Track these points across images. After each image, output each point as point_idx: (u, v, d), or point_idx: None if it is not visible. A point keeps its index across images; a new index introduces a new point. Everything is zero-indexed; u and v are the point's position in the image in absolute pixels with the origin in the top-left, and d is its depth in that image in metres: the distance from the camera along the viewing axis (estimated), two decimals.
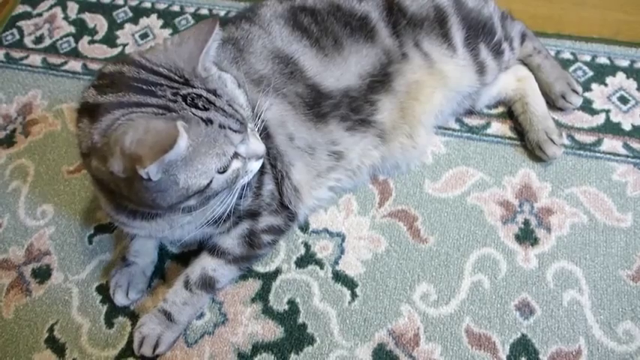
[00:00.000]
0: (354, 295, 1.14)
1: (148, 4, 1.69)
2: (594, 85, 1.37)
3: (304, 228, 1.23)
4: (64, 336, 1.14)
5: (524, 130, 1.28)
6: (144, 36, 1.61)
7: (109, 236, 1.25)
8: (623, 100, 1.34)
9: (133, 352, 1.09)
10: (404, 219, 1.22)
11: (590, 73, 1.39)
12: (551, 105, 1.31)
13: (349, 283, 1.15)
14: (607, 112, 1.33)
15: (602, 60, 1.41)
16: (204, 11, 1.65)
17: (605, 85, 1.37)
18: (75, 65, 1.57)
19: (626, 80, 1.37)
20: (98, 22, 1.67)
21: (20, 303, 1.19)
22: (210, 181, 0.86)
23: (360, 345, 1.09)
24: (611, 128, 1.30)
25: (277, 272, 1.18)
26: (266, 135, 1.06)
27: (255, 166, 0.94)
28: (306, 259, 1.19)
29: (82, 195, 1.32)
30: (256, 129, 0.95)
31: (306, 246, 1.21)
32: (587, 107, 1.33)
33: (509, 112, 1.34)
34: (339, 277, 1.16)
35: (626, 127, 1.30)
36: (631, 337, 1.06)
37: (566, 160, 1.26)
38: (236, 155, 0.88)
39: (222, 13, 1.63)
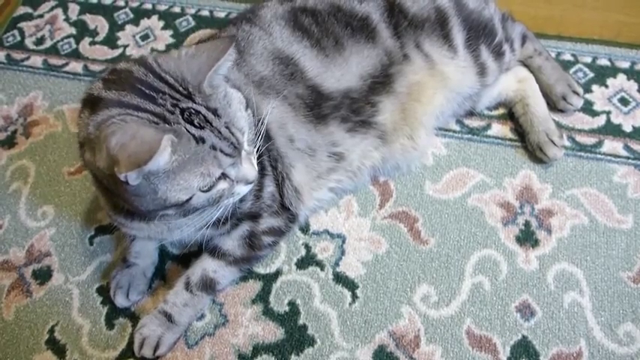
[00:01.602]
0: (354, 297, 1.14)
1: (148, 6, 1.69)
2: (595, 87, 1.37)
3: (305, 229, 1.23)
4: (64, 337, 1.14)
5: (525, 131, 1.28)
6: (145, 37, 1.61)
7: (110, 237, 1.25)
8: (624, 101, 1.34)
9: (134, 354, 1.09)
10: (404, 220, 1.22)
11: (591, 75, 1.39)
12: (552, 106, 1.31)
13: (350, 285, 1.15)
14: (608, 113, 1.32)
15: (603, 61, 1.41)
16: (205, 13, 1.65)
17: (606, 86, 1.36)
18: (76, 66, 1.57)
19: (627, 82, 1.37)
20: (99, 23, 1.67)
21: (21, 304, 1.19)
22: (190, 198, 0.86)
23: (360, 346, 1.09)
24: (612, 130, 1.30)
25: (278, 273, 1.18)
26: (267, 137, 1.06)
27: (243, 189, 0.94)
28: (307, 261, 1.19)
29: (83, 196, 1.32)
30: (254, 153, 0.94)
31: (306, 247, 1.21)
32: (587, 109, 1.33)
33: (510, 113, 1.34)
34: (340, 278, 1.16)
35: (627, 128, 1.30)
36: (632, 338, 1.06)
37: (567, 161, 1.26)
38: (224, 177, 0.88)
39: (222, 15, 1.63)
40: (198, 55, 0.88)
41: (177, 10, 1.67)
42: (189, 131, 0.83)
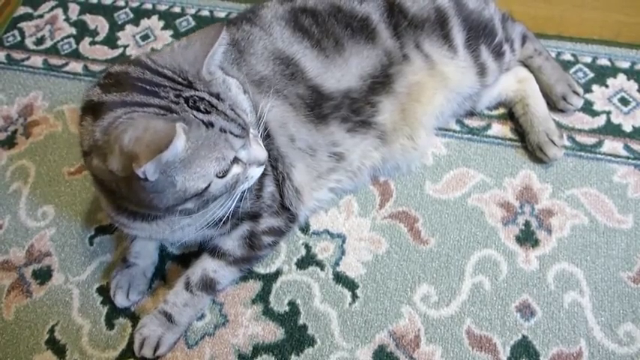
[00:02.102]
0: (354, 297, 1.14)
1: (149, 6, 1.69)
2: (595, 87, 1.37)
3: (305, 229, 1.23)
4: (64, 337, 1.14)
5: (525, 131, 1.28)
6: (145, 37, 1.61)
7: (110, 237, 1.25)
8: (624, 101, 1.34)
9: (134, 354, 1.09)
10: (404, 220, 1.22)
11: (591, 75, 1.39)
12: (552, 106, 1.32)
13: (350, 285, 1.15)
14: (608, 113, 1.33)
15: (603, 61, 1.41)
16: (205, 13, 1.65)
17: (606, 86, 1.37)
18: (76, 66, 1.57)
19: (627, 82, 1.37)
20: (99, 23, 1.67)
21: (21, 304, 1.19)
22: (209, 185, 0.86)
23: (360, 346, 1.09)
24: (612, 130, 1.30)
25: (278, 273, 1.18)
26: (267, 136, 1.06)
27: (256, 172, 0.94)
28: (307, 261, 1.19)
29: (83, 196, 1.32)
30: (259, 135, 0.95)
31: (306, 247, 1.21)
32: (587, 109, 1.33)
33: (510, 113, 1.34)
34: (340, 278, 1.16)
35: (627, 128, 1.30)
36: (632, 338, 1.06)
37: (567, 161, 1.26)
38: (236, 160, 0.88)
39: (222, 15, 1.63)
40: (192, 45, 0.89)
41: (177, 10, 1.67)
42: (197, 117, 0.83)
